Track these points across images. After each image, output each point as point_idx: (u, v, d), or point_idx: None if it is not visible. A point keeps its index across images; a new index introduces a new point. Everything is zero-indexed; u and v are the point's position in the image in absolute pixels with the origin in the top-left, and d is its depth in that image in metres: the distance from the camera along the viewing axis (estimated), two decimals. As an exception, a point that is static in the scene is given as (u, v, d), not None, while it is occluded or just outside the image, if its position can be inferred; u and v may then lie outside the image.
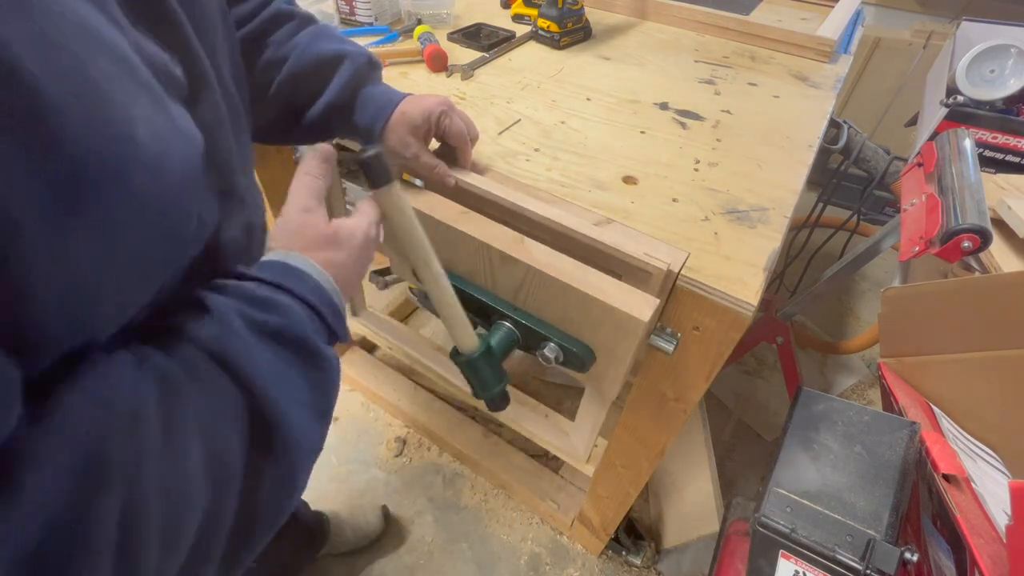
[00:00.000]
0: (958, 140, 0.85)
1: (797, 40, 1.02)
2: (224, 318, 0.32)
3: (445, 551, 1.18)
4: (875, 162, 1.16)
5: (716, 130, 0.79)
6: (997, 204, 0.82)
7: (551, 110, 0.82)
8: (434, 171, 0.60)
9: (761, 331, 1.36)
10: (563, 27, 0.98)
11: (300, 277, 0.38)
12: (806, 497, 0.62)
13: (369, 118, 0.58)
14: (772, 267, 0.57)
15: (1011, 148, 1.17)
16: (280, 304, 0.35)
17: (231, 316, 0.32)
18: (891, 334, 0.82)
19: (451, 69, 0.89)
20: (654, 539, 1.18)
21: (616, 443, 0.83)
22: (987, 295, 0.71)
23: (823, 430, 0.69)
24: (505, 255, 0.57)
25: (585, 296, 0.53)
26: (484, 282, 0.63)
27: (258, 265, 0.38)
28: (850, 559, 0.57)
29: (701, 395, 0.65)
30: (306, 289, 0.37)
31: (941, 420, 0.77)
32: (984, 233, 0.69)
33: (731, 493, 1.26)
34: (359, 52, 0.59)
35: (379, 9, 1.02)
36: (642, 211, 0.63)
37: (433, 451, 1.35)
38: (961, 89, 1.16)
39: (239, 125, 0.41)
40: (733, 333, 0.55)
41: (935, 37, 1.72)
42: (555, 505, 1.18)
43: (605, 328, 0.55)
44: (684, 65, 0.97)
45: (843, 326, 1.73)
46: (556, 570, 1.16)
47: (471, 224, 0.60)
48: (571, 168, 0.70)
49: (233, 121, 0.39)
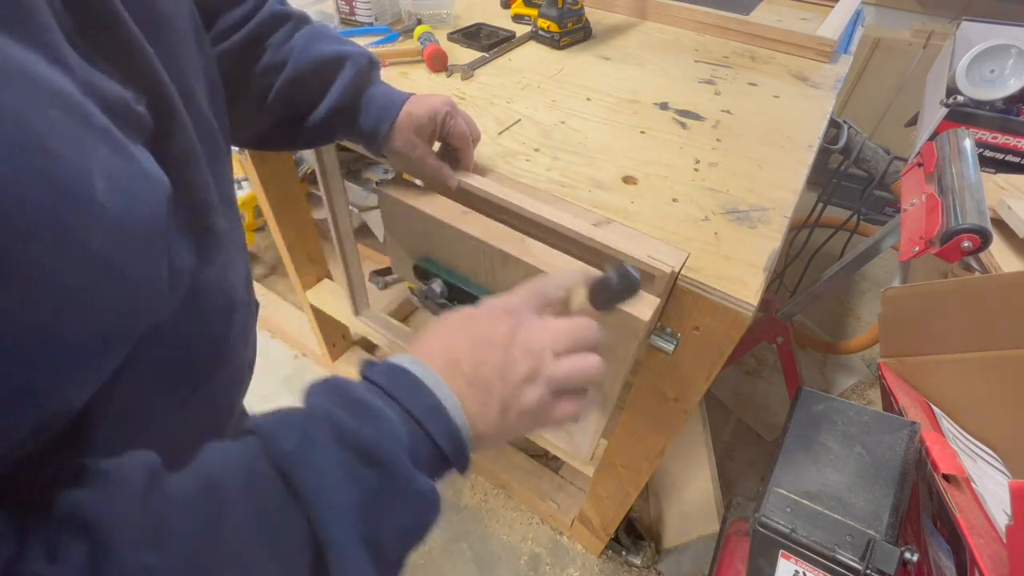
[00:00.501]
0: (958, 140, 0.85)
1: (797, 40, 1.02)
2: (309, 435, 0.28)
3: (445, 551, 1.18)
4: (875, 162, 1.16)
5: (716, 130, 0.79)
6: (997, 204, 0.82)
7: (551, 110, 0.82)
8: (438, 173, 0.60)
9: (761, 331, 1.36)
10: (563, 27, 0.98)
11: (413, 384, 0.32)
12: (806, 497, 0.62)
13: (373, 121, 0.57)
14: (772, 267, 0.57)
15: (1011, 148, 1.17)
16: (376, 414, 0.30)
17: (319, 430, 0.28)
18: (891, 334, 0.82)
19: (451, 69, 0.89)
20: (654, 539, 1.18)
21: (616, 443, 0.83)
22: (987, 295, 0.71)
23: (823, 430, 0.69)
24: (506, 255, 0.57)
25: None
26: (485, 281, 0.63)
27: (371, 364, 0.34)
28: (850, 559, 0.57)
29: (701, 395, 0.65)
30: (417, 402, 0.32)
31: (941, 420, 0.77)
32: (984, 233, 0.69)
33: (731, 493, 1.26)
34: (360, 53, 0.58)
35: (379, 9, 1.02)
36: (642, 211, 0.63)
37: (433, 451, 1.35)
38: (961, 89, 1.16)
39: (215, 154, 0.37)
40: (733, 333, 0.55)
41: (935, 37, 1.72)
42: (555, 505, 1.18)
43: (605, 327, 0.55)
44: (684, 65, 0.97)
45: (843, 326, 1.73)
46: (556, 570, 1.16)
47: (472, 224, 0.60)
48: (571, 168, 0.70)
49: (209, 151, 0.35)
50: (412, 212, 0.62)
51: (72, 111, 0.23)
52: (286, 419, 0.29)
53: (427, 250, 0.66)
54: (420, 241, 0.65)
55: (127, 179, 0.24)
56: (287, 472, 0.27)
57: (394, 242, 0.70)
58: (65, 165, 0.21)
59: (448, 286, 0.65)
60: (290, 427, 0.29)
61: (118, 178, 0.24)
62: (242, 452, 0.28)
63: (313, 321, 1.34)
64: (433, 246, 0.64)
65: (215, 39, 0.50)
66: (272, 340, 1.60)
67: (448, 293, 0.65)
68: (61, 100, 0.22)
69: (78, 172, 0.22)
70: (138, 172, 0.25)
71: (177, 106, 0.32)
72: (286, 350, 1.58)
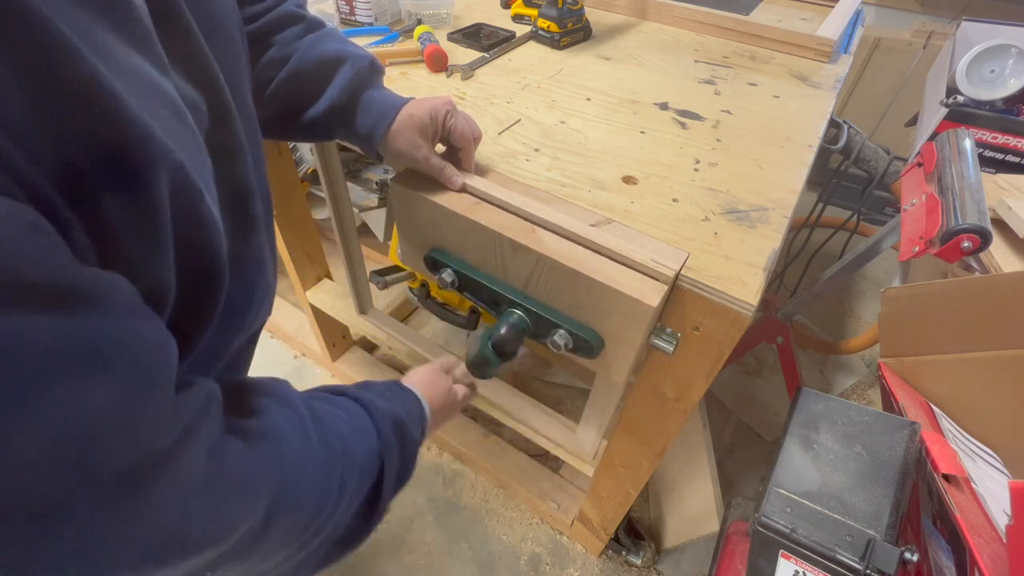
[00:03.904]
0: (958, 140, 0.85)
1: (797, 40, 1.02)
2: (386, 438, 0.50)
3: (445, 551, 1.18)
4: (875, 162, 1.16)
5: (716, 130, 0.79)
6: (997, 204, 0.82)
7: (551, 110, 0.82)
8: (442, 173, 0.60)
9: (761, 331, 1.36)
10: (563, 27, 0.98)
11: (422, 416, 0.61)
12: (806, 497, 0.62)
13: (370, 123, 0.57)
14: (772, 267, 0.57)
15: (1011, 148, 1.17)
16: (410, 436, 0.55)
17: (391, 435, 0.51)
18: (891, 334, 0.82)
19: (451, 69, 0.89)
20: (654, 539, 1.18)
21: (616, 443, 0.83)
22: (987, 295, 0.71)
23: (823, 430, 0.69)
24: (517, 243, 0.57)
25: (595, 283, 0.53)
26: (495, 271, 0.63)
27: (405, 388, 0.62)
28: (850, 559, 0.57)
29: (701, 395, 0.65)
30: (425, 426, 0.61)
31: (941, 420, 0.77)
32: (984, 233, 0.69)
33: (731, 493, 1.27)
34: (361, 55, 0.58)
35: (379, 9, 1.02)
36: (642, 211, 0.63)
37: (433, 451, 1.35)
38: (961, 89, 1.16)
39: (255, 142, 0.43)
40: (733, 333, 0.55)
41: (935, 37, 1.72)
42: (555, 505, 1.18)
43: (614, 314, 0.55)
44: (684, 65, 0.97)
45: (843, 326, 1.73)
46: (556, 570, 1.16)
47: (483, 214, 0.60)
48: (571, 168, 0.70)
49: (250, 142, 0.40)
50: (423, 203, 0.62)
51: (176, 112, 0.29)
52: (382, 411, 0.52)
53: (437, 241, 0.66)
54: (430, 232, 0.66)
55: (204, 172, 0.30)
56: (382, 431, 0.50)
57: (403, 235, 0.70)
58: (180, 155, 0.28)
59: (458, 275, 0.66)
60: (385, 417, 0.51)
61: (200, 171, 0.30)
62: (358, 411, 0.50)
63: (313, 321, 1.34)
64: (443, 237, 0.65)
65: None
66: (272, 340, 1.60)
67: (459, 283, 0.67)
68: (169, 103, 0.28)
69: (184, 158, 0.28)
70: (208, 166, 0.31)
71: (229, 104, 0.36)
72: (286, 350, 1.58)
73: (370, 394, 0.53)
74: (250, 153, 0.40)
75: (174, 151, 0.27)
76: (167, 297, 0.30)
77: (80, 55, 0.23)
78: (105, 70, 0.24)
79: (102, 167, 0.24)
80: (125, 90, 0.25)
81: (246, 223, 0.40)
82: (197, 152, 0.31)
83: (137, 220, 0.26)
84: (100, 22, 0.25)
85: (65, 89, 0.23)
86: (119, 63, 0.25)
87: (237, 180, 0.38)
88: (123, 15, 0.26)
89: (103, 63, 0.24)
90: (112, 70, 0.24)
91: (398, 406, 0.55)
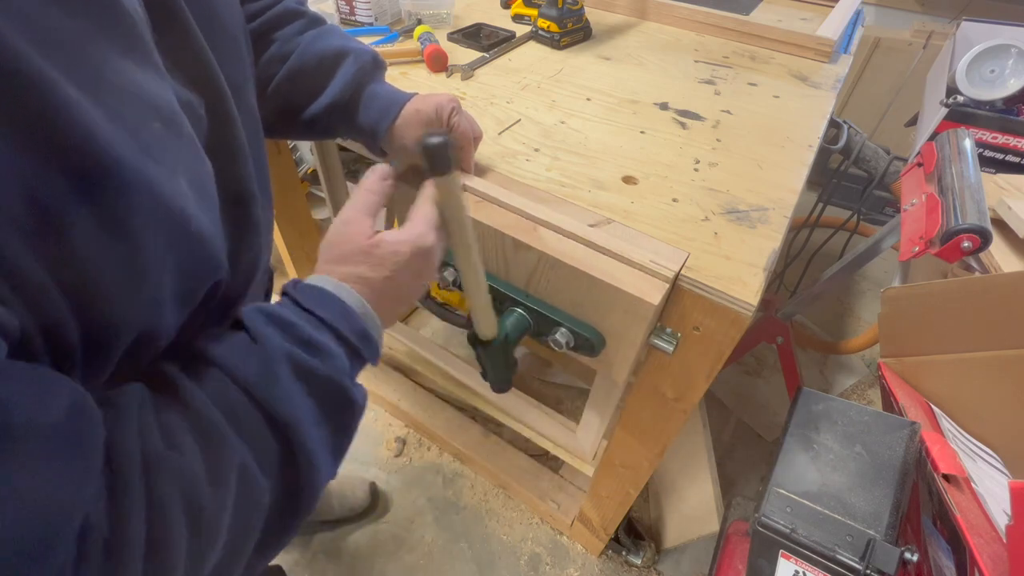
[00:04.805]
0: (958, 140, 0.85)
1: (797, 40, 1.02)
2: (271, 362, 0.33)
3: (445, 551, 1.18)
4: (875, 162, 1.16)
5: (716, 130, 0.79)
6: (997, 204, 0.82)
7: (551, 110, 0.82)
8: None
9: (761, 331, 1.36)
10: (563, 27, 0.98)
11: (333, 304, 0.38)
12: (806, 497, 0.62)
13: (373, 118, 0.56)
14: (772, 267, 0.57)
15: (1011, 148, 1.17)
16: (325, 349, 0.36)
17: (279, 361, 0.33)
18: (891, 334, 0.82)
19: (451, 69, 0.89)
20: (654, 539, 1.18)
21: (616, 443, 0.83)
22: (987, 295, 0.71)
23: (823, 430, 0.69)
24: (519, 242, 0.57)
25: (596, 281, 0.54)
26: (497, 269, 0.63)
27: (295, 287, 0.39)
28: (850, 559, 0.57)
29: (701, 395, 0.65)
30: (345, 324, 0.37)
31: (941, 420, 0.77)
32: (984, 233, 0.69)
33: (731, 493, 1.26)
34: (363, 50, 0.58)
35: (379, 9, 1.02)
36: (642, 211, 0.63)
37: (433, 451, 1.35)
38: (961, 89, 1.16)
39: (257, 144, 0.42)
40: (733, 333, 0.55)
41: (935, 37, 1.72)
42: (555, 505, 1.18)
43: (616, 312, 0.55)
44: (684, 65, 0.97)
45: (843, 326, 1.73)
46: (556, 570, 1.16)
47: (486, 213, 0.60)
48: (571, 168, 0.70)
49: (252, 143, 0.39)
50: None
51: (170, 123, 0.28)
52: (245, 349, 0.34)
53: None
54: None
55: (204, 181, 0.30)
56: (261, 400, 0.32)
57: None
58: (164, 179, 0.27)
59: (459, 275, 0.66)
60: (255, 361, 0.33)
61: (199, 181, 0.29)
62: (217, 387, 0.32)
63: (313, 321, 1.34)
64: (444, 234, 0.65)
65: None
66: (272, 340, 1.60)
67: (460, 281, 0.66)
68: (163, 115, 0.28)
69: (175, 188, 0.27)
70: (208, 170, 0.31)
71: (230, 106, 0.36)
72: (286, 350, 1.58)
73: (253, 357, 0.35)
74: (251, 156, 0.39)
75: (152, 177, 0.26)
76: (161, 324, 0.29)
77: (51, 88, 0.22)
78: (83, 98, 0.23)
79: (69, 197, 0.23)
80: (106, 114, 0.24)
81: (246, 226, 0.39)
82: (194, 160, 0.30)
83: (113, 250, 0.25)
84: (94, 36, 0.25)
85: (32, 124, 0.22)
86: (109, 82, 0.25)
87: (238, 183, 0.38)
88: (119, 27, 0.26)
89: (85, 88, 0.23)
90: (94, 92, 0.24)
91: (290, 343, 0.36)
